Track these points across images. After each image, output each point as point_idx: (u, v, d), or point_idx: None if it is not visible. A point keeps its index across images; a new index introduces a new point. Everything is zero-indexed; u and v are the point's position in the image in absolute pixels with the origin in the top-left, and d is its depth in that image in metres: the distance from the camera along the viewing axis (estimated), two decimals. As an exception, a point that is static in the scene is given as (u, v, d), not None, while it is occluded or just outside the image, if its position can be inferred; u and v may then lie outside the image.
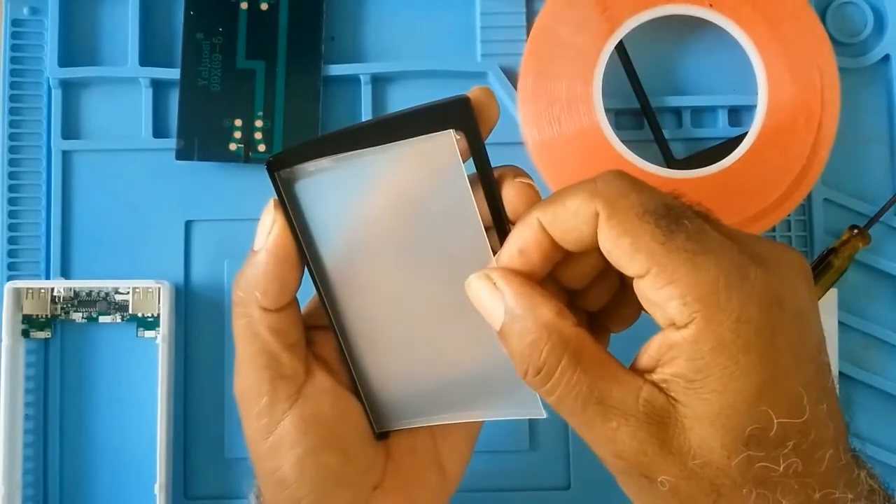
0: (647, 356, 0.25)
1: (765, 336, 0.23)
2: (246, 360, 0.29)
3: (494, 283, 0.25)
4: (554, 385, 0.24)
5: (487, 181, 0.27)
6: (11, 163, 0.42)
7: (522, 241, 0.26)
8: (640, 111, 0.42)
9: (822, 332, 0.25)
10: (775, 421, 0.23)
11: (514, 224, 0.27)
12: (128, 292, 0.41)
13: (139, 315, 0.41)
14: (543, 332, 0.24)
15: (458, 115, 0.26)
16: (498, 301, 0.25)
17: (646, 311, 0.25)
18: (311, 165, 0.27)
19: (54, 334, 0.41)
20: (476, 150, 0.26)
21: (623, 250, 0.24)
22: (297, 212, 0.28)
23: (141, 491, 0.40)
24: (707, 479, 0.23)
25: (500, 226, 0.27)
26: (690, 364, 0.23)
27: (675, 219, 0.23)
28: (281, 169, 0.28)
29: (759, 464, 0.23)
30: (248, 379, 0.29)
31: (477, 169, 0.27)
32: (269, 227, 0.28)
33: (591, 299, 0.28)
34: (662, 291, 0.23)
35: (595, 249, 0.25)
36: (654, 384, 0.24)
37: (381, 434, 0.31)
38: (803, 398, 0.23)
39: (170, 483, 0.40)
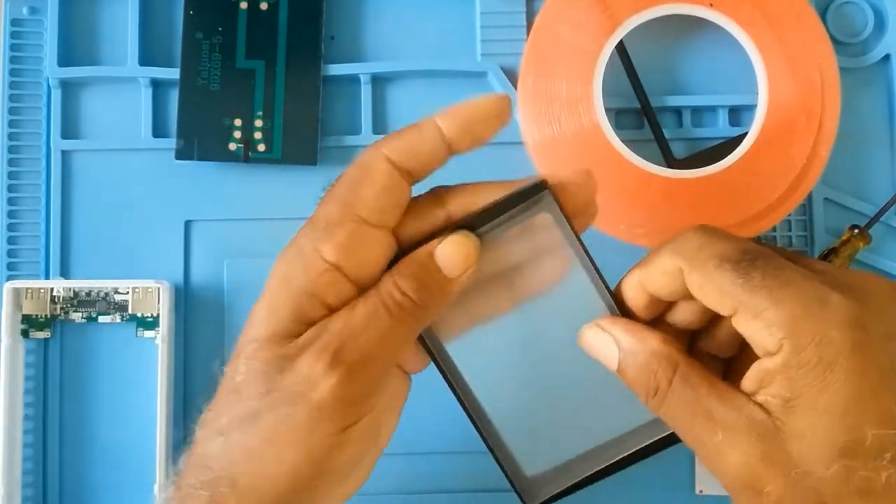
0: (748, 381, 0.27)
1: (847, 356, 0.25)
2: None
3: (603, 329, 0.29)
4: (668, 402, 0.27)
5: (579, 241, 0.29)
6: (11, 162, 0.42)
7: (630, 300, 0.29)
8: (640, 111, 0.42)
9: None
10: (869, 433, 0.25)
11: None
12: (127, 292, 0.41)
13: (139, 315, 0.41)
14: (653, 357, 0.28)
15: (541, 197, 0.29)
16: (610, 344, 0.29)
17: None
18: None
19: (54, 334, 0.41)
20: (564, 221, 0.29)
21: (711, 296, 0.27)
22: None
23: (141, 491, 0.40)
24: (811, 488, 0.25)
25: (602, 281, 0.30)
26: (784, 385, 0.25)
27: (750, 261, 0.26)
28: None
29: (859, 473, 0.25)
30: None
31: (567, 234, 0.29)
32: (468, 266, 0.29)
33: (708, 339, 0.31)
34: (751, 325, 0.26)
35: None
36: (757, 403, 0.26)
37: None
38: (895, 411, 0.25)
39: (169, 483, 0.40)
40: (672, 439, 0.30)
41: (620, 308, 0.30)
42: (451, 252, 0.29)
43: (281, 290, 0.29)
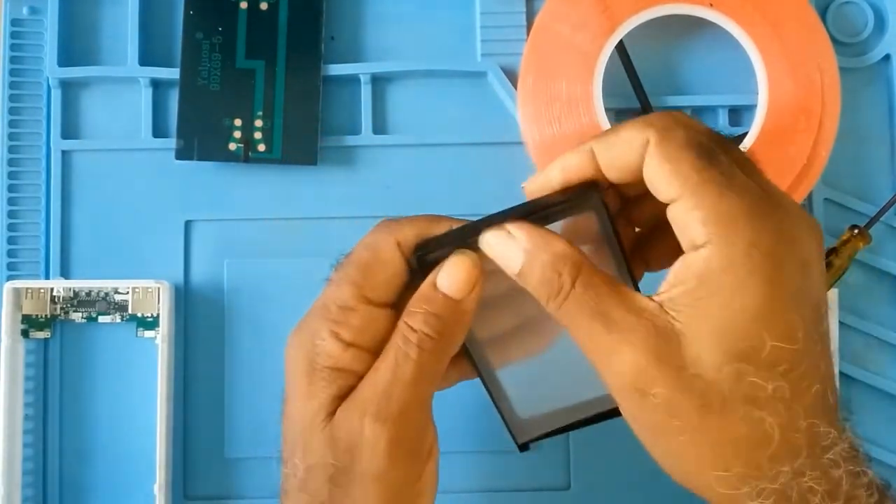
0: (664, 283, 0.27)
1: (773, 264, 0.25)
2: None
3: (508, 232, 0.28)
4: (568, 303, 0.27)
5: (617, 242, 0.29)
6: (11, 163, 0.42)
7: (567, 162, 0.28)
8: (641, 111, 0.42)
9: (824, 296, 0.27)
10: (768, 343, 0.25)
11: None
12: (127, 292, 0.41)
13: (139, 315, 0.41)
14: (559, 259, 0.27)
15: (591, 200, 0.29)
16: (513, 247, 0.28)
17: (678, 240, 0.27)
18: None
19: (54, 334, 0.41)
20: (606, 224, 0.29)
21: (663, 175, 0.26)
22: None
23: (141, 491, 0.40)
24: (698, 391, 0.25)
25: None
26: (700, 281, 0.25)
27: (713, 153, 0.26)
28: (428, 254, 0.30)
29: (749, 379, 0.25)
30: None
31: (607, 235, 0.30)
32: (472, 284, 0.30)
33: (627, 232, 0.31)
34: (688, 214, 0.26)
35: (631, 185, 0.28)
36: (660, 305, 0.26)
37: (524, 446, 0.33)
38: (799, 329, 0.25)
39: (169, 483, 0.40)
40: None
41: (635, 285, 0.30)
42: (452, 275, 0.29)
43: (308, 375, 0.30)
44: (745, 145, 0.40)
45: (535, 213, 0.29)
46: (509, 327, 0.32)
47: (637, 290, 0.28)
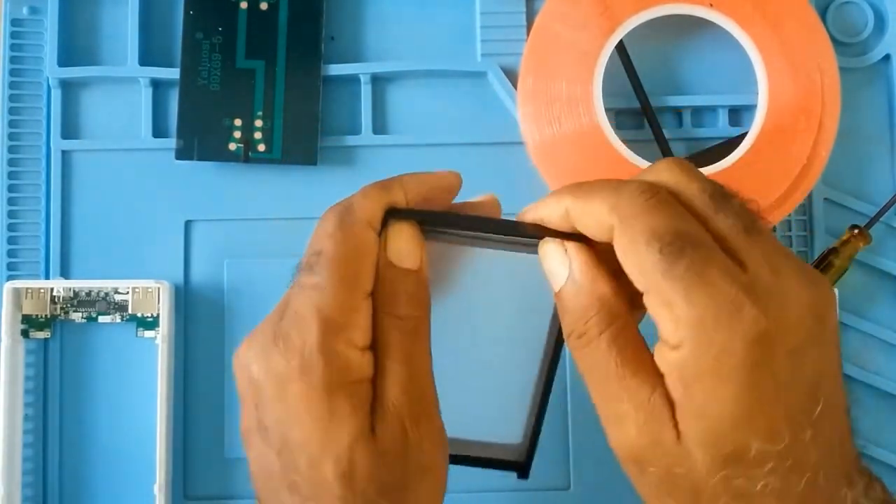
0: (657, 363, 0.26)
1: (746, 370, 0.24)
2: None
3: (566, 251, 0.28)
4: (589, 352, 0.26)
5: None
6: (11, 163, 0.42)
7: (546, 217, 0.28)
8: (640, 111, 0.42)
9: (831, 365, 0.26)
10: (753, 446, 0.24)
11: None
12: (127, 292, 0.41)
13: (139, 315, 0.41)
14: (596, 303, 0.26)
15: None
16: (565, 266, 0.27)
17: None
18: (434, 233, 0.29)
19: (54, 334, 0.41)
20: None
21: (629, 265, 0.25)
22: None
23: (140, 491, 0.40)
24: (689, 484, 0.25)
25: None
26: (681, 381, 0.25)
27: (680, 248, 0.25)
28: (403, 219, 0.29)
29: (737, 480, 0.24)
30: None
31: None
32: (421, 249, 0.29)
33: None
34: (659, 312, 0.25)
35: None
36: (664, 388, 0.25)
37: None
38: (783, 426, 0.24)
39: (169, 483, 0.40)
40: None
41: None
42: (403, 247, 0.28)
43: (322, 399, 0.27)
44: (746, 145, 0.40)
45: (519, 232, 0.28)
46: None
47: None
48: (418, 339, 0.28)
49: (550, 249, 0.28)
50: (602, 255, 0.27)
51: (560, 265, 0.28)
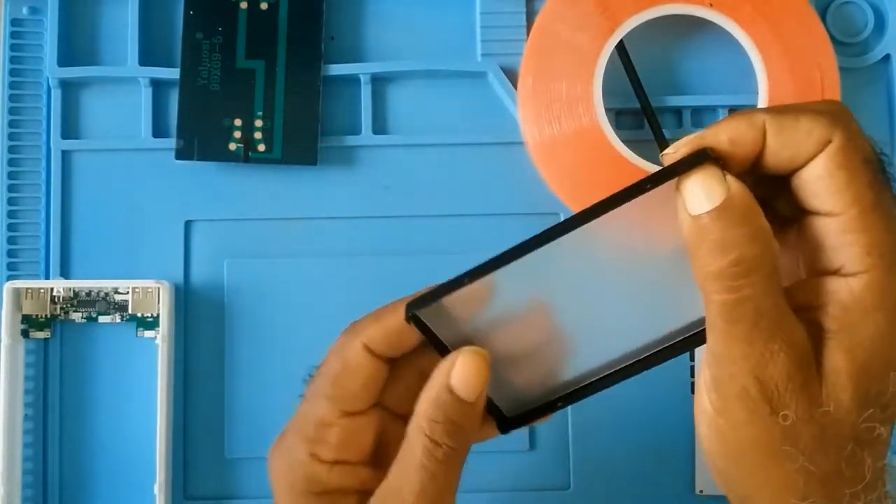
0: (796, 297, 0.25)
1: None
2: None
3: (724, 175, 0.24)
4: (745, 285, 0.24)
5: None
6: (11, 163, 0.42)
7: (738, 134, 0.25)
8: (640, 111, 0.42)
9: None
10: (891, 388, 0.24)
11: None
12: (127, 292, 0.41)
13: (139, 315, 0.41)
14: (761, 234, 0.24)
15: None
16: (721, 187, 0.24)
17: (803, 252, 0.26)
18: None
19: (54, 334, 0.41)
20: None
21: (836, 183, 0.24)
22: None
23: (141, 491, 0.40)
24: (822, 425, 0.24)
25: None
26: (844, 311, 0.24)
27: (888, 177, 0.24)
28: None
29: (868, 424, 0.24)
30: None
31: None
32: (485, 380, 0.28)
33: None
34: (849, 235, 0.24)
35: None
36: (810, 321, 0.25)
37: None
38: None
39: (169, 483, 0.40)
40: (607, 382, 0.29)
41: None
42: (468, 377, 0.27)
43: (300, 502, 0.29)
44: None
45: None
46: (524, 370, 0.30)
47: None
48: (451, 469, 0.28)
49: (711, 171, 0.24)
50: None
51: (719, 185, 0.24)
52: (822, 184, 0.24)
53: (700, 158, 0.24)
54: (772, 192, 0.26)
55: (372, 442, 0.29)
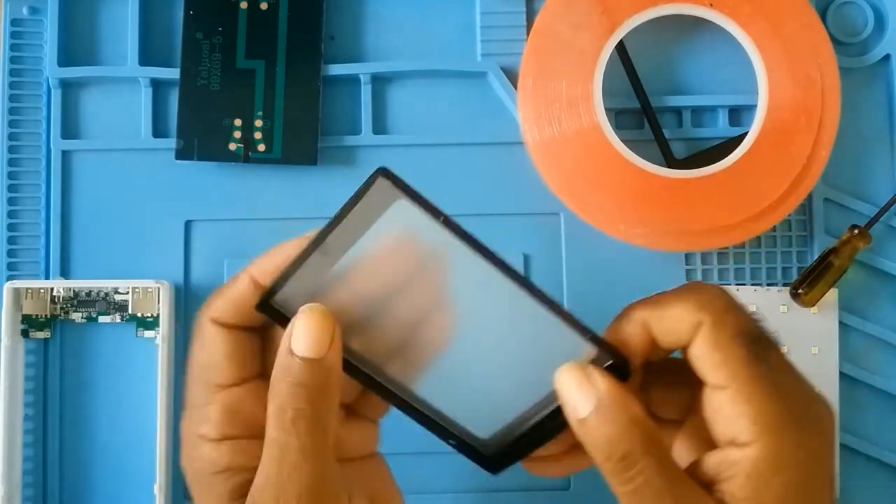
0: (704, 470, 0.27)
1: (818, 468, 0.26)
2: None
3: (588, 378, 0.27)
4: (636, 474, 0.26)
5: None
6: (11, 163, 0.42)
7: (625, 335, 0.28)
8: (640, 111, 0.42)
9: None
10: None
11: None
12: (127, 292, 0.41)
13: (139, 315, 0.41)
14: (634, 425, 0.27)
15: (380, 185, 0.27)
16: (590, 393, 0.27)
17: (706, 421, 0.28)
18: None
19: (54, 334, 0.41)
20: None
21: (712, 363, 0.26)
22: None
23: (140, 491, 0.40)
24: None
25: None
26: (747, 482, 0.26)
27: (763, 347, 0.26)
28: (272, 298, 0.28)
29: None
30: None
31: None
32: (331, 335, 0.28)
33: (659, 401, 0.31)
34: (735, 408, 0.26)
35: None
36: (715, 499, 0.26)
37: (498, 467, 0.32)
38: None
39: (169, 483, 0.40)
40: None
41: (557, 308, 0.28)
42: (305, 335, 0.27)
43: (198, 489, 0.29)
44: (746, 145, 0.40)
45: (346, 227, 0.27)
46: (398, 336, 0.29)
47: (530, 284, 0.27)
48: (309, 433, 0.27)
49: (571, 377, 0.28)
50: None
51: (585, 391, 0.27)
52: (703, 362, 0.27)
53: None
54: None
55: (260, 413, 0.28)
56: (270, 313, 0.28)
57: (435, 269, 0.28)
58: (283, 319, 0.28)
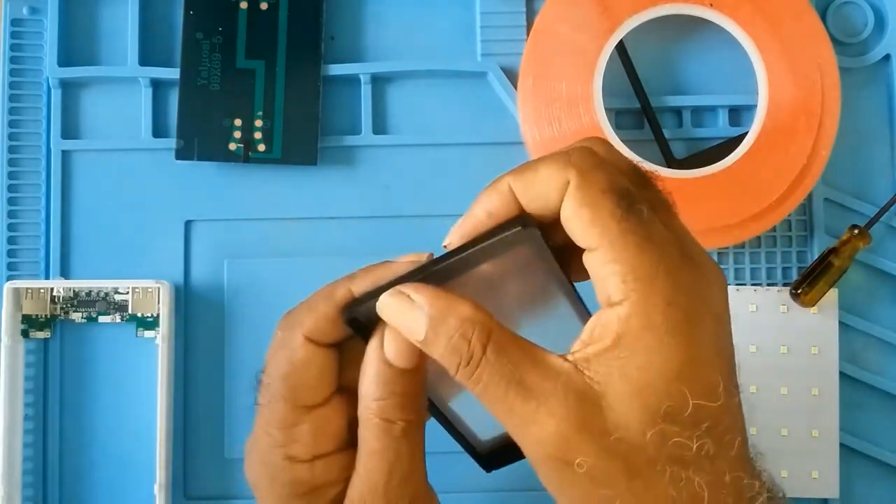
0: (578, 341, 0.26)
1: (690, 324, 0.24)
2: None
3: (409, 297, 0.26)
4: (480, 371, 0.25)
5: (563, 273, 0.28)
6: (11, 163, 0.42)
7: (491, 205, 0.27)
8: (640, 111, 0.42)
9: (732, 345, 0.26)
10: (691, 401, 0.24)
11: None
12: (127, 292, 0.41)
13: (139, 315, 0.41)
14: (467, 324, 0.25)
15: (528, 235, 0.26)
16: (417, 313, 0.26)
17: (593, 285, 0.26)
18: None
19: (54, 334, 0.41)
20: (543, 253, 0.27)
21: (581, 221, 0.25)
22: None
23: (141, 491, 0.40)
24: (622, 456, 0.24)
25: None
26: (618, 340, 0.24)
27: (632, 202, 0.25)
28: (358, 313, 0.28)
29: (674, 440, 0.24)
30: None
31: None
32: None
33: None
34: (606, 267, 0.25)
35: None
36: (576, 366, 0.25)
37: (491, 465, 0.32)
38: (719, 386, 0.24)
39: (170, 483, 0.40)
40: None
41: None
42: (398, 346, 0.27)
43: None
44: (746, 145, 0.40)
45: (464, 259, 0.26)
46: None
47: (589, 315, 0.26)
48: (413, 442, 0.28)
49: (393, 304, 0.26)
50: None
51: (411, 313, 0.26)
52: (573, 223, 0.25)
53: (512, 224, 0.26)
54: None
55: (343, 426, 0.29)
56: (356, 326, 0.28)
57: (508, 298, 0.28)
58: (367, 332, 0.28)
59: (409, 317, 0.26)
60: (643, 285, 0.24)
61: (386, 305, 0.26)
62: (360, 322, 0.28)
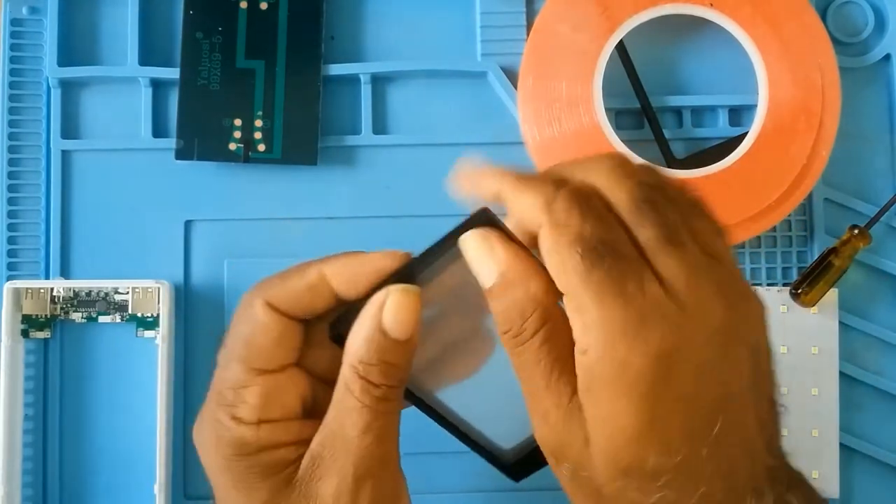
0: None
1: (645, 384, 0.24)
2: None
3: (491, 249, 0.27)
4: (523, 350, 0.26)
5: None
6: (11, 163, 0.42)
7: (484, 189, 0.28)
8: (640, 111, 0.42)
9: (739, 385, 0.26)
10: (650, 459, 0.25)
11: None
12: (127, 292, 0.41)
13: (139, 315, 0.41)
14: (529, 304, 0.26)
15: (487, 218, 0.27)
16: (493, 264, 0.27)
17: None
18: None
19: (54, 334, 0.41)
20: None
21: (550, 265, 0.26)
22: None
23: (141, 491, 0.40)
24: (591, 489, 0.26)
25: None
26: (588, 388, 0.25)
27: (600, 255, 0.25)
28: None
29: (632, 492, 0.25)
30: None
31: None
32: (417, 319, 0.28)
33: None
34: (572, 313, 0.25)
35: None
36: (578, 396, 0.26)
37: (519, 475, 0.32)
38: (679, 442, 0.25)
39: (169, 483, 0.40)
40: None
41: None
42: (400, 316, 0.28)
43: (231, 470, 0.29)
44: (746, 145, 0.40)
45: (429, 258, 0.28)
46: (436, 352, 0.30)
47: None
48: (393, 411, 0.29)
49: (475, 246, 0.27)
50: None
51: (488, 261, 0.27)
52: (546, 263, 0.26)
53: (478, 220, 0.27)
54: None
55: (296, 401, 0.29)
56: (341, 343, 0.29)
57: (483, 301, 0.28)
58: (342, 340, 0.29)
59: (486, 262, 0.27)
60: (601, 341, 0.24)
61: (470, 243, 0.27)
62: (343, 339, 0.29)
